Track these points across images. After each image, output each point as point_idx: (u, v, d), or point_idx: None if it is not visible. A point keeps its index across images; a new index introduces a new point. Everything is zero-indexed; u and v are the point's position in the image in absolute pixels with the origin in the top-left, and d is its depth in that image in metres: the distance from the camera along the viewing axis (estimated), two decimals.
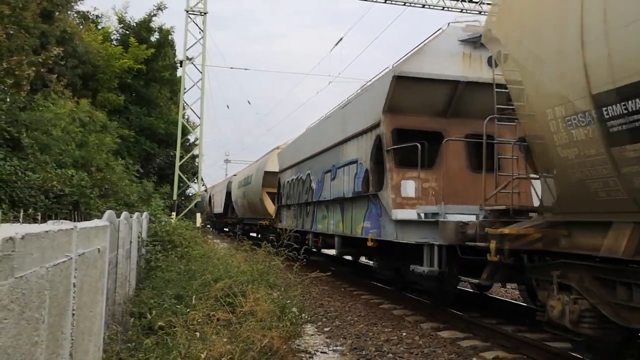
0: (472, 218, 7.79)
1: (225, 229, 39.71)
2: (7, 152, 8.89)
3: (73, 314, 3.28)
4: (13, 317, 2.10)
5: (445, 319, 9.23)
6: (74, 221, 3.78)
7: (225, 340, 5.50)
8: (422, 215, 8.74)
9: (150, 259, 9.92)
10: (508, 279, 7.92)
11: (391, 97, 9.84)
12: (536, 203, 7.58)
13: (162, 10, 26.91)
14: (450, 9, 24.57)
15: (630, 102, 4.54)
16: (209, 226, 40.71)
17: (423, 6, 24.62)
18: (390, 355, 7.13)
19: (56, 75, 14.33)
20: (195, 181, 29.62)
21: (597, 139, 4.99)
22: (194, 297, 7.15)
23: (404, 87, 9.75)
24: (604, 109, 4.82)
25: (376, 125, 10.44)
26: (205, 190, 44.34)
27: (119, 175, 13.19)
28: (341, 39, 25.36)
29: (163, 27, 27.93)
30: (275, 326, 6.59)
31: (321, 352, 7.22)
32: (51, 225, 2.85)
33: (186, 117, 28.37)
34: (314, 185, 15.34)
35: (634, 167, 4.69)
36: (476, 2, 24.38)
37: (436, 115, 10.15)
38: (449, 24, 10.12)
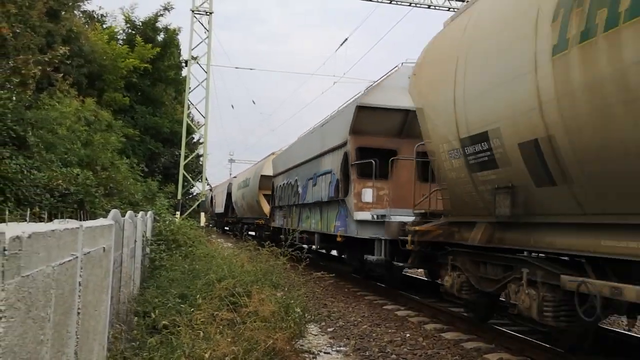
0: (411, 219, 9.81)
1: (226, 228, 41.24)
2: (13, 150, 8.92)
3: (78, 313, 3.28)
4: (19, 316, 2.11)
5: (449, 320, 9.22)
6: (79, 220, 3.79)
7: (229, 340, 5.51)
8: (375, 216, 11.17)
9: (155, 258, 9.95)
10: (423, 263, 10.17)
11: (355, 122, 12.25)
12: None
13: (168, 10, 27.00)
14: (455, 10, 24.53)
15: (477, 145, 7.00)
16: (211, 225, 41.04)
17: (429, 7, 24.62)
18: (393, 356, 7.12)
19: (62, 75, 14.39)
20: (200, 180, 29.67)
21: (464, 167, 7.49)
22: (197, 296, 7.16)
23: (365, 114, 12.14)
24: (466, 148, 7.31)
25: (344, 144, 12.85)
26: (210, 190, 44.87)
27: (124, 174, 13.23)
28: (346, 39, 25.39)
29: (169, 27, 28.01)
30: (279, 327, 6.60)
31: (324, 353, 7.22)
32: (57, 225, 2.85)
33: (191, 116, 28.43)
34: (300, 189, 17.52)
35: (484, 187, 7.13)
36: None
37: (392, 136, 12.47)
38: (402, 63, 12.39)
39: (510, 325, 8.76)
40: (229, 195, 36.69)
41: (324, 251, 17.42)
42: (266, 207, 24.70)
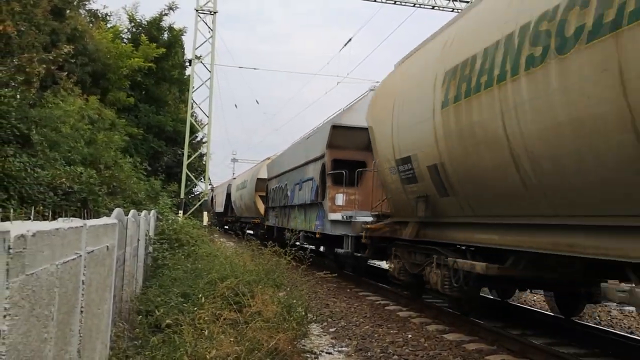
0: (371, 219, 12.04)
1: (225, 227, 43.14)
2: (17, 148, 8.94)
3: (81, 311, 3.29)
4: (23, 314, 2.11)
5: (451, 321, 9.21)
6: (83, 218, 3.80)
7: (232, 339, 5.51)
8: (344, 217, 13.74)
9: (158, 257, 9.95)
10: (376, 254, 12.40)
11: (330, 138, 14.90)
12: None
13: (173, 9, 27.01)
14: (459, 11, 24.49)
15: (405, 165, 9.31)
16: (214, 224, 41.65)
17: (433, 7, 24.60)
18: (395, 357, 7.12)
19: (66, 73, 14.41)
20: (203, 180, 29.70)
21: (398, 181, 9.78)
22: (200, 295, 7.17)
23: (339, 132, 14.85)
24: (399, 167, 9.59)
25: (322, 156, 15.45)
26: (211, 190, 45.65)
27: (127, 173, 13.24)
28: (350, 39, 25.38)
29: (174, 27, 28.02)
30: (282, 327, 6.60)
31: (326, 353, 7.21)
32: (61, 223, 2.86)
33: (194, 116, 28.45)
34: (289, 193, 19.98)
35: (411, 196, 9.36)
36: None
37: (361, 150, 14.49)
38: (369, 90, 14.32)
39: (511, 327, 8.76)
40: (228, 195, 39.27)
41: (313, 247, 19.24)
42: (261, 207, 26.86)
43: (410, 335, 8.34)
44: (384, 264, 15.02)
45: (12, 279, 1.96)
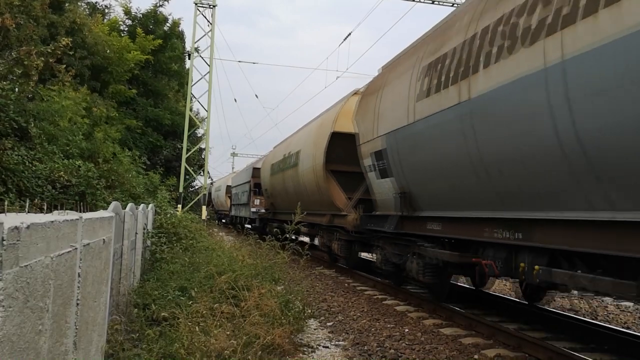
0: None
1: (222, 220, 52.10)
2: (15, 141, 8.94)
3: (77, 304, 3.30)
4: (17, 306, 2.12)
5: (448, 315, 9.25)
6: (80, 212, 3.81)
7: (228, 333, 5.53)
8: (257, 210, 28.72)
9: (155, 250, 9.96)
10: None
11: (253, 174, 29.36)
12: None
13: (167, 0, 26.93)
14: (457, 4, 24.39)
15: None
16: (212, 218, 43.07)
17: (433, 2, 24.51)
18: (392, 351, 7.14)
19: (65, 66, 14.36)
20: (202, 174, 29.67)
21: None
22: (196, 288, 7.18)
23: (257, 170, 28.06)
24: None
25: (249, 181, 30.54)
26: (211, 184, 47.88)
27: (126, 166, 13.23)
28: (350, 34, 25.22)
29: (170, 18, 27.97)
30: (279, 322, 6.62)
31: (323, 347, 7.23)
32: (57, 216, 2.87)
33: (194, 111, 28.40)
34: (239, 196, 34.86)
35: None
36: None
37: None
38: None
39: (507, 321, 8.78)
40: (210, 194, 52.09)
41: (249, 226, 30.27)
42: (229, 204, 42.20)
43: (407, 330, 8.37)
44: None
45: (6, 270, 1.97)
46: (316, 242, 19.21)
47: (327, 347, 7.28)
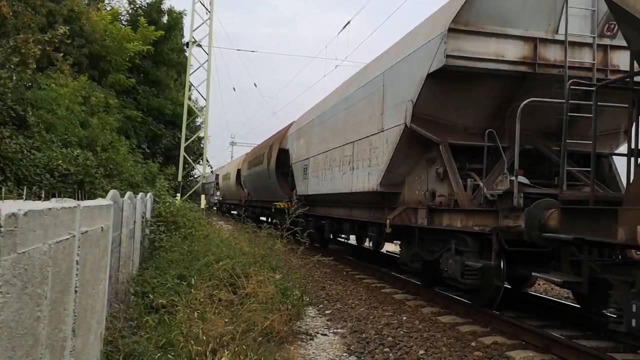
0: None
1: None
2: (13, 130, 8.93)
3: (76, 291, 3.32)
4: (15, 292, 2.14)
5: (446, 303, 9.29)
6: (78, 200, 3.81)
7: (226, 320, 5.56)
8: (216, 199, 43.68)
9: (154, 239, 9.98)
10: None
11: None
12: None
13: None
14: None
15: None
16: (211, 207, 43.00)
17: None
18: (390, 339, 7.19)
19: (62, 54, 14.31)
20: (201, 163, 29.66)
21: None
22: (195, 276, 7.21)
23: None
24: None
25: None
26: (212, 172, 47.48)
27: (124, 155, 13.22)
28: (348, 22, 25.07)
29: (173, 10, 27.74)
30: (277, 308, 6.65)
31: (321, 334, 7.28)
32: (54, 203, 2.87)
33: (194, 99, 28.31)
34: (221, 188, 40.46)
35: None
36: None
37: None
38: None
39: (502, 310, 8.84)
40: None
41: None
42: (218, 193, 45.58)
43: (405, 318, 8.42)
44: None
45: (4, 257, 1.98)
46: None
47: (326, 334, 7.32)
